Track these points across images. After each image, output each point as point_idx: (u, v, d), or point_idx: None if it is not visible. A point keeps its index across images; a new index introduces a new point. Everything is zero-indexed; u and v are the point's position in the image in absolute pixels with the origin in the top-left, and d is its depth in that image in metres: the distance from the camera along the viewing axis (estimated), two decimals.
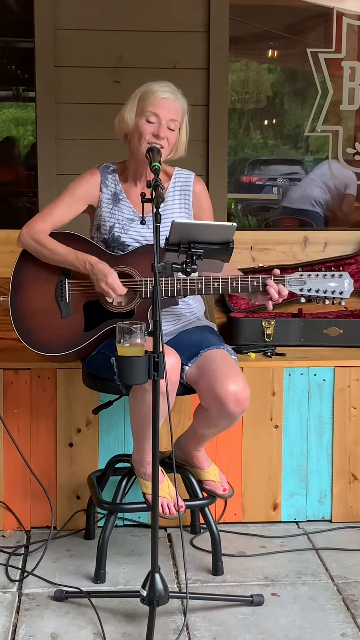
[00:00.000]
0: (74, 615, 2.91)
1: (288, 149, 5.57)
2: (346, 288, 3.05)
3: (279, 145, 5.45)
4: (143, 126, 3.09)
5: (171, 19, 4.41)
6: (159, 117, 3.09)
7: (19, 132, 5.93)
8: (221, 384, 2.95)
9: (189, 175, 3.28)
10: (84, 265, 3.09)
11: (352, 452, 3.64)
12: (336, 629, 2.85)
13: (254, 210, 6.15)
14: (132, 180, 3.23)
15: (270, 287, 3.01)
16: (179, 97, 3.14)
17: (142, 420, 2.94)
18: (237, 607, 2.96)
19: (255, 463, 3.60)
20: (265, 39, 5.19)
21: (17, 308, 3.18)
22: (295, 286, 3.04)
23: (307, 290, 3.05)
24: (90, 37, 4.37)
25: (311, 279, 3.05)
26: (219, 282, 3.04)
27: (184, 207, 3.23)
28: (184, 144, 3.19)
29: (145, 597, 2.73)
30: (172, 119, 3.10)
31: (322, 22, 4.92)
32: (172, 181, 3.24)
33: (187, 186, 3.25)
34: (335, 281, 3.05)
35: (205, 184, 3.35)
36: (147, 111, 3.09)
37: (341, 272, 3.06)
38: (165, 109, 3.09)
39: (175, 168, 3.28)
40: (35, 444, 3.53)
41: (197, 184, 3.27)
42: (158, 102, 3.09)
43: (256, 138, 5.63)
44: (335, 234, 4.47)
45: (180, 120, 3.14)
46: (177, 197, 3.23)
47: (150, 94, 3.10)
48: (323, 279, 3.05)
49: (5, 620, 2.88)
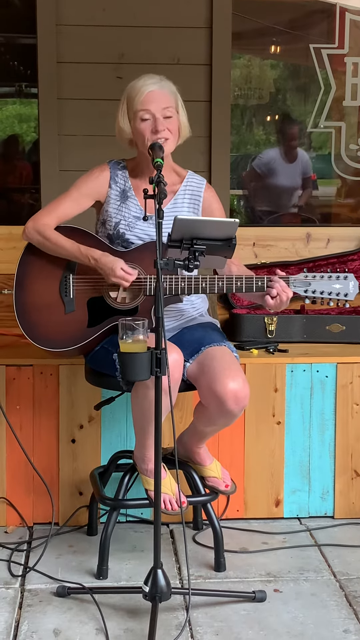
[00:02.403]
0: (77, 611, 2.92)
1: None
2: (351, 290, 3.04)
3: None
4: (140, 127, 3.09)
5: (174, 14, 4.40)
6: (150, 111, 3.08)
7: (22, 129, 5.93)
8: (221, 382, 2.95)
9: (200, 182, 3.27)
10: (87, 260, 3.09)
11: (355, 448, 3.64)
12: (338, 625, 2.85)
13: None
14: (142, 177, 3.21)
15: (276, 282, 2.99)
16: (164, 84, 3.12)
17: (144, 417, 2.94)
18: (240, 603, 2.96)
19: (258, 459, 3.60)
20: (268, 34, 5.18)
21: (21, 303, 3.18)
22: (299, 287, 3.04)
23: (311, 292, 3.04)
24: (93, 33, 4.36)
25: (316, 281, 3.04)
26: (224, 282, 3.03)
27: (193, 212, 3.22)
28: (186, 124, 3.17)
29: (147, 593, 2.73)
30: (164, 107, 3.08)
31: (325, 18, 4.90)
32: (183, 184, 3.23)
33: (198, 192, 3.24)
34: (340, 283, 3.04)
35: (207, 180, 3.34)
36: (138, 110, 3.08)
37: (346, 273, 3.05)
38: (154, 101, 3.08)
39: (188, 171, 3.28)
40: (38, 440, 3.54)
41: (207, 191, 3.26)
42: (145, 98, 3.08)
43: (259, 134, 5.63)
44: (338, 230, 4.47)
45: (174, 104, 3.12)
46: (186, 201, 3.22)
47: (135, 92, 3.09)
48: (328, 280, 3.04)
49: (7, 616, 2.89)
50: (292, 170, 5.45)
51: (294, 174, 5.45)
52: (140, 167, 3.23)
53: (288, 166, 5.44)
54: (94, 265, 3.08)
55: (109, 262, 3.05)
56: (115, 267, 3.03)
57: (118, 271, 3.02)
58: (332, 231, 4.42)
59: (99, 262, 3.07)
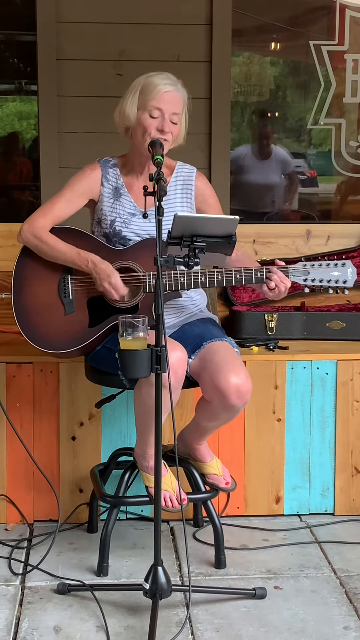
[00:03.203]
0: (77, 608, 2.92)
1: (291, 142, 5.55)
2: (349, 277, 3.05)
3: (281, 139, 5.43)
4: (147, 121, 3.08)
5: (174, 11, 4.40)
6: (162, 111, 3.07)
7: (22, 126, 5.93)
8: (223, 377, 2.95)
9: (190, 170, 3.27)
10: (85, 264, 3.08)
11: (355, 445, 3.64)
12: (339, 621, 2.86)
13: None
14: (133, 174, 3.22)
15: (274, 273, 3.00)
16: (180, 89, 3.12)
17: (146, 414, 2.94)
18: (240, 600, 2.97)
19: (258, 456, 3.60)
20: (268, 31, 5.17)
21: (20, 305, 3.17)
22: (299, 276, 3.04)
23: (310, 280, 3.05)
24: (93, 30, 4.36)
25: (314, 269, 3.05)
26: (223, 275, 3.03)
27: (186, 202, 3.22)
28: (184, 132, 3.18)
29: (148, 590, 2.73)
30: (174, 112, 3.09)
31: (325, 15, 4.90)
32: (174, 175, 3.23)
33: (189, 181, 3.24)
34: (338, 270, 3.05)
35: (207, 177, 3.34)
36: (150, 106, 3.07)
37: (344, 260, 3.06)
38: (168, 102, 3.08)
39: (177, 162, 3.27)
40: (38, 437, 3.54)
41: (199, 179, 3.26)
42: (161, 96, 3.07)
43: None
44: (338, 227, 4.47)
45: (181, 112, 3.13)
46: (179, 191, 3.22)
47: (152, 87, 3.08)
48: (326, 268, 3.05)
49: (8, 613, 2.89)
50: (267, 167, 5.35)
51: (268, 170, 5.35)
52: (130, 163, 3.22)
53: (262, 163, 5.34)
54: (91, 267, 3.06)
55: (106, 268, 3.05)
56: (112, 275, 3.03)
57: (114, 279, 3.03)
58: (332, 228, 4.42)
59: (97, 266, 3.06)
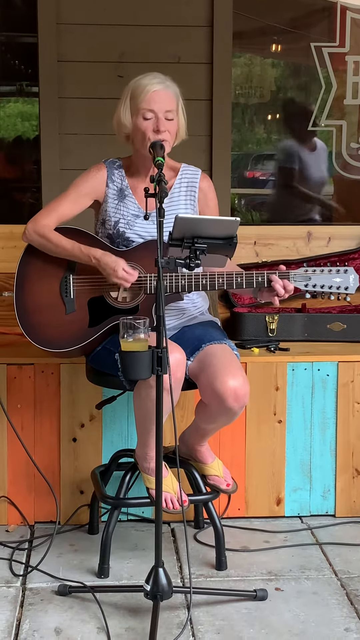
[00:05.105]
0: (78, 609, 2.92)
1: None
2: (351, 283, 3.04)
3: (282, 140, 5.43)
4: (142, 125, 3.08)
5: (175, 13, 4.39)
6: (154, 111, 3.08)
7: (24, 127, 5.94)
8: (221, 380, 2.95)
9: (195, 172, 3.27)
10: (89, 260, 3.09)
11: (356, 446, 3.64)
12: (340, 623, 2.85)
13: (258, 205, 6.13)
14: (138, 176, 3.22)
15: (276, 282, 3.00)
16: (169, 85, 3.12)
17: (146, 416, 2.94)
18: (241, 601, 2.96)
19: (259, 458, 3.60)
20: (269, 33, 5.17)
21: (22, 304, 3.18)
22: (300, 282, 3.04)
23: (312, 286, 3.04)
24: (94, 32, 4.36)
25: (316, 275, 3.04)
26: (224, 278, 3.03)
27: (190, 203, 3.23)
28: (184, 126, 3.18)
29: (149, 592, 2.73)
30: (167, 110, 3.08)
31: (326, 17, 4.90)
32: (178, 177, 3.24)
33: (194, 183, 3.24)
34: (340, 276, 3.05)
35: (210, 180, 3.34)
36: (142, 109, 3.08)
37: (346, 267, 3.05)
38: (158, 102, 3.08)
39: (182, 164, 3.28)
40: (39, 439, 3.54)
41: (204, 181, 3.26)
42: (150, 97, 3.08)
43: (260, 133, 5.62)
44: (339, 228, 4.47)
45: (176, 107, 3.12)
46: (182, 193, 3.23)
47: (140, 90, 3.09)
48: (328, 274, 3.04)
49: (9, 614, 2.89)
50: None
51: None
52: (135, 165, 3.23)
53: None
54: (95, 264, 3.08)
55: (110, 262, 3.05)
56: (117, 268, 3.03)
57: (120, 272, 3.03)
58: (333, 230, 4.42)
59: (101, 261, 3.07)
